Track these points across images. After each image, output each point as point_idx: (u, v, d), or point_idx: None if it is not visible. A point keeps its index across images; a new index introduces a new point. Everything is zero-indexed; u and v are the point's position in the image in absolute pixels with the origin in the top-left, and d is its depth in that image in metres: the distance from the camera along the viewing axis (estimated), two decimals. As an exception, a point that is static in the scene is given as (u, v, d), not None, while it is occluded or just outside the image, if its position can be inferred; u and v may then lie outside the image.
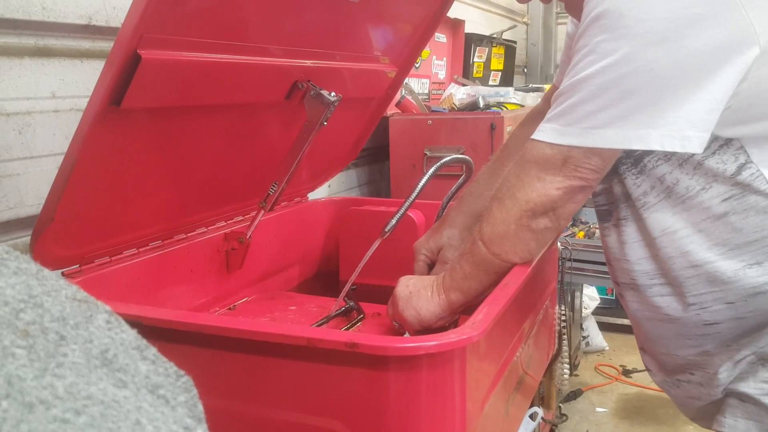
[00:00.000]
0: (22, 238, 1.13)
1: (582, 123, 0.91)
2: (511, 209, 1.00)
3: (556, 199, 0.97)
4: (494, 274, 1.05)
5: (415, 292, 1.13)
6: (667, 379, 1.13)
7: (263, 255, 1.55)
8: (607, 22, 0.88)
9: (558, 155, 0.94)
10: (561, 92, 0.94)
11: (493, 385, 0.99)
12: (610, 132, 0.90)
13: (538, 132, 0.97)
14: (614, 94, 0.88)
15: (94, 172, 0.96)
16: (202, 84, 1.04)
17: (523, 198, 0.98)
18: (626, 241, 1.03)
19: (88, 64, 1.20)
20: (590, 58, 0.89)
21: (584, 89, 0.90)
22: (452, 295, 1.08)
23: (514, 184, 1.00)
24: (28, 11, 1.08)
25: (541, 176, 0.96)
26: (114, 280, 1.14)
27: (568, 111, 0.93)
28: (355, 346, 0.78)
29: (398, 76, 1.69)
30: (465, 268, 1.07)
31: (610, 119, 0.89)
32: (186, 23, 0.95)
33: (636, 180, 0.99)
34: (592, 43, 0.90)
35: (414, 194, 1.34)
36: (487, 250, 1.03)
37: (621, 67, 0.87)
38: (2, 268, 0.44)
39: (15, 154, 1.09)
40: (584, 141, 0.92)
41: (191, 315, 0.94)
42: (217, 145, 1.25)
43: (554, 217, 0.99)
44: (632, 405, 2.76)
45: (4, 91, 1.06)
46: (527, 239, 1.01)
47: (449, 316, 1.10)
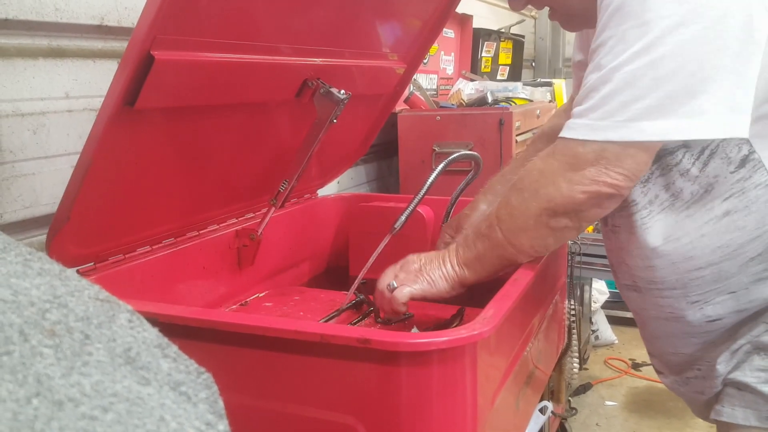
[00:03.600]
0: (38, 237, 1.14)
1: (617, 115, 0.86)
2: (530, 204, 0.97)
3: (579, 203, 0.93)
4: (507, 260, 1.04)
5: (427, 263, 1.10)
6: (677, 379, 1.13)
7: (274, 251, 1.57)
8: (631, 9, 0.85)
9: (590, 153, 0.89)
10: (590, 87, 0.89)
11: (504, 380, 1.00)
12: (646, 124, 0.85)
13: (568, 129, 0.92)
14: (648, 81, 0.84)
15: (108, 172, 0.97)
16: (214, 83, 1.06)
17: (545, 196, 0.95)
18: (624, 248, 1.02)
19: (100, 64, 1.22)
20: (618, 47, 0.86)
21: (615, 79, 0.86)
22: (467, 272, 1.07)
23: (538, 180, 0.96)
24: (41, 12, 1.09)
25: (568, 176, 0.92)
26: (128, 278, 1.15)
27: (601, 104, 0.87)
28: (367, 342, 0.79)
29: (407, 73, 1.69)
30: (480, 249, 1.05)
31: (647, 110, 0.85)
32: (198, 24, 0.96)
33: (643, 188, 0.97)
34: (618, 32, 0.86)
35: (423, 191, 1.35)
36: (504, 238, 1.01)
37: (651, 52, 0.83)
38: (27, 269, 0.45)
39: (30, 153, 1.10)
40: (622, 135, 0.86)
41: (206, 312, 0.96)
42: (228, 144, 1.26)
43: (576, 218, 0.96)
44: (642, 398, 2.77)
45: (18, 92, 1.07)
46: (545, 235, 0.99)
47: (459, 288, 1.09)
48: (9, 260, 0.46)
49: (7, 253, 0.47)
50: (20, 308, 0.39)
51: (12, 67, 1.06)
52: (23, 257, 0.47)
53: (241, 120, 1.24)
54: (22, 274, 0.44)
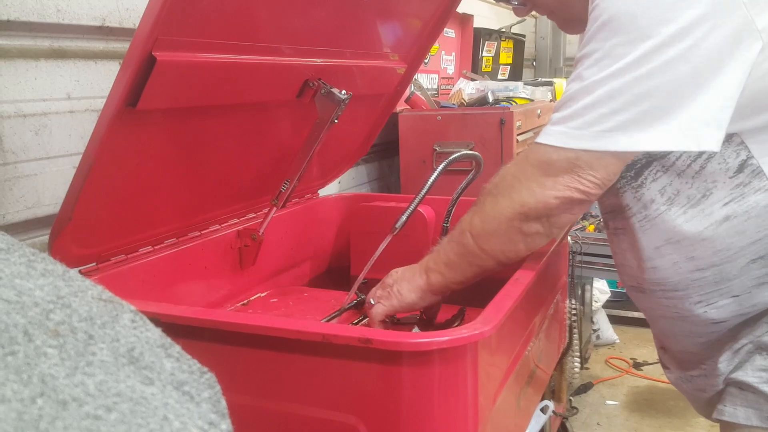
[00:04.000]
0: (40, 237, 1.15)
1: (594, 126, 0.89)
2: (504, 208, 0.99)
3: (552, 207, 0.95)
4: (477, 267, 1.05)
5: (401, 277, 1.14)
6: (682, 375, 1.14)
7: (275, 251, 1.57)
8: (620, 25, 0.87)
9: (564, 161, 0.92)
10: (570, 96, 0.91)
11: (505, 379, 1.00)
12: (623, 136, 0.88)
13: (543, 135, 0.94)
14: (629, 97, 0.86)
15: (110, 173, 0.97)
16: (216, 84, 1.06)
17: (518, 200, 0.97)
18: (626, 249, 1.03)
19: (102, 65, 1.22)
20: (604, 62, 0.87)
21: (597, 92, 0.88)
22: (432, 277, 1.09)
23: (511, 184, 0.98)
24: (43, 14, 1.10)
25: (541, 181, 0.94)
26: (130, 278, 1.16)
27: (579, 114, 0.89)
28: (369, 342, 0.79)
29: (408, 73, 1.69)
30: (449, 255, 1.07)
31: (623, 123, 0.87)
32: (199, 25, 0.96)
33: (636, 193, 0.98)
34: (605, 47, 0.88)
35: (424, 191, 1.35)
36: (474, 243, 1.03)
37: (635, 69, 0.86)
38: (30, 270, 0.46)
39: (32, 154, 1.10)
40: (596, 145, 0.89)
41: (207, 312, 0.96)
42: (230, 144, 1.26)
43: (547, 224, 0.98)
44: (643, 398, 2.76)
45: (21, 93, 1.08)
46: (516, 240, 1.01)
47: (430, 297, 1.11)
48: (13, 261, 0.47)
49: (10, 254, 0.47)
50: (24, 309, 0.39)
51: (14, 69, 1.07)
52: (27, 258, 0.48)
53: (242, 120, 1.24)
54: (26, 274, 0.44)
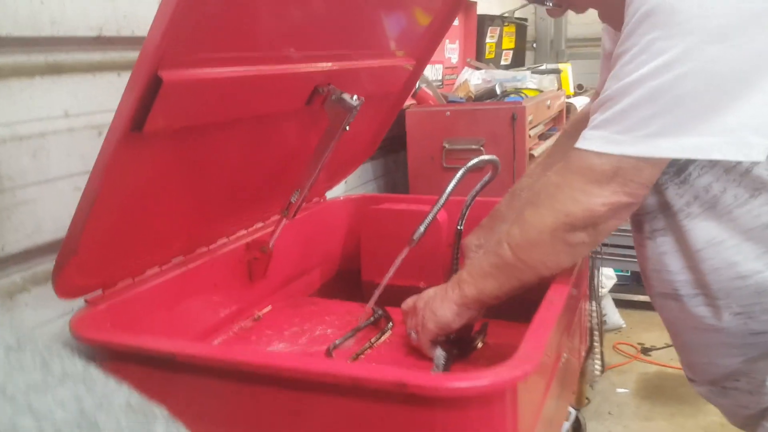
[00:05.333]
0: (42, 266, 1.09)
1: (635, 131, 0.85)
2: (546, 218, 0.94)
3: (599, 215, 0.91)
4: (515, 280, 1.01)
5: (434, 296, 1.10)
6: (713, 389, 1.09)
7: (284, 260, 1.51)
8: (659, 19, 0.82)
9: (607, 166, 0.88)
10: (609, 96, 0.88)
11: (542, 405, 0.96)
12: (665, 141, 0.83)
13: (584, 140, 0.91)
14: (669, 98, 0.82)
15: (115, 200, 0.91)
16: (224, 100, 0.99)
17: (562, 209, 0.93)
18: (666, 252, 0.98)
19: (100, 78, 1.15)
20: (641, 58, 0.83)
21: (636, 93, 0.84)
22: (466, 289, 1.05)
23: (554, 194, 0.94)
24: (37, 27, 1.02)
25: (586, 189, 0.90)
26: (138, 302, 1.10)
27: (620, 118, 0.86)
28: (404, 387, 0.74)
29: (416, 69, 1.62)
30: (485, 267, 1.03)
31: (665, 126, 0.83)
32: (204, 39, 0.89)
33: (678, 190, 0.93)
34: (642, 42, 0.83)
35: (442, 200, 1.30)
36: (513, 255, 0.98)
37: (675, 67, 0.81)
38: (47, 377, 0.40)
39: (30, 179, 1.04)
40: (639, 150, 0.85)
41: (228, 351, 0.91)
42: (237, 156, 1.20)
43: (593, 232, 0.94)
44: (653, 384, 2.74)
45: (16, 114, 1.01)
46: (559, 251, 0.96)
47: (465, 312, 1.06)
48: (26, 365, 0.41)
49: (22, 353, 0.42)
50: (45, 438, 0.34)
51: (8, 88, 0.99)
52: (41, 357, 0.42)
53: (249, 132, 1.18)
54: (43, 385, 0.39)
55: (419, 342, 1.13)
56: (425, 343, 1.12)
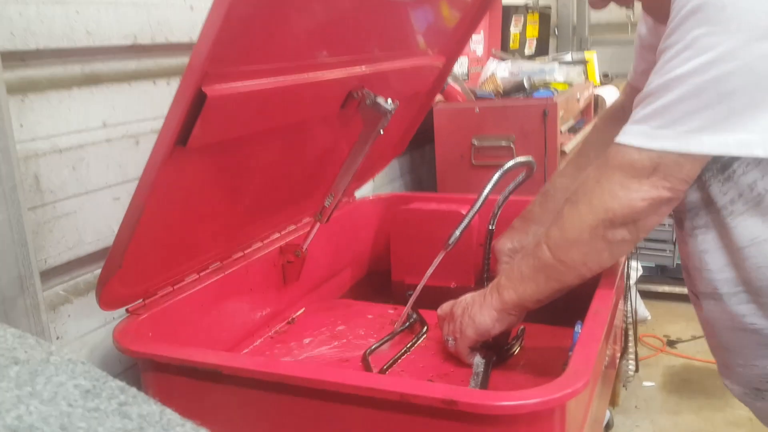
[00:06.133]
0: (83, 276, 1.09)
1: (677, 126, 0.84)
2: (586, 216, 0.93)
3: (639, 211, 0.90)
4: (555, 282, 0.99)
5: (472, 302, 1.09)
6: (748, 391, 1.08)
7: (316, 262, 1.51)
8: (706, 15, 0.80)
9: (647, 161, 0.87)
10: (651, 91, 0.86)
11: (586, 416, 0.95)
12: (708, 137, 0.83)
13: (624, 135, 0.90)
14: (713, 94, 0.81)
15: (160, 213, 0.92)
16: (262, 110, 0.99)
17: (601, 206, 0.91)
18: (707, 250, 0.96)
19: (136, 86, 1.15)
20: (686, 54, 0.82)
21: (679, 88, 0.82)
22: (506, 294, 1.03)
23: (593, 189, 0.93)
24: (72, 38, 1.02)
25: (625, 184, 0.89)
26: (178, 310, 1.11)
27: (661, 112, 0.85)
28: (453, 404, 0.74)
29: (445, 66, 1.61)
30: (524, 270, 1.01)
31: (708, 122, 0.82)
32: (244, 53, 0.89)
33: (722, 187, 0.92)
34: (688, 37, 0.82)
35: (478, 204, 1.28)
36: (552, 256, 0.97)
37: (721, 64, 0.80)
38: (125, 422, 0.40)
39: (70, 191, 1.04)
40: (680, 146, 0.84)
41: (273, 364, 0.91)
42: (271, 162, 1.20)
43: (634, 229, 0.92)
44: (680, 377, 2.72)
45: (55, 127, 1.01)
46: (600, 249, 0.95)
47: (505, 317, 1.05)
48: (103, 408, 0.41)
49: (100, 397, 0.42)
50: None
51: (46, 101, 0.99)
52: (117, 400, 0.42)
53: (284, 138, 1.18)
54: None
55: (457, 349, 1.12)
56: (463, 350, 1.11)
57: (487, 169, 1.31)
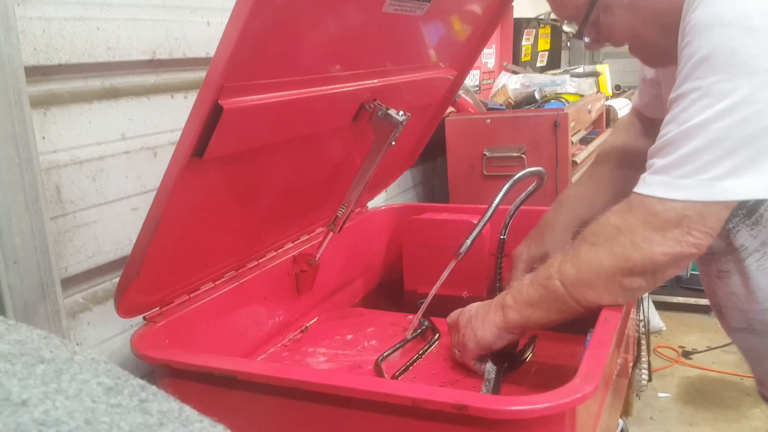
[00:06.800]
0: (101, 285, 1.12)
1: (700, 174, 0.83)
2: (604, 261, 0.92)
3: (660, 264, 0.89)
4: (565, 313, 0.99)
5: (475, 315, 1.09)
6: None
7: (329, 271, 1.53)
8: (718, 63, 0.81)
9: (671, 213, 0.86)
10: (669, 141, 0.86)
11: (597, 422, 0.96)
12: (732, 183, 0.81)
13: (645, 185, 0.89)
14: (736, 140, 0.80)
15: (177, 223, 0.94)
16: (277, 122, 1.01)
17: (622, 254, 0.90)
18: (736, 292, 0.97)
19: (154, 100, 1.18)
20: (703, 102, 0.81)
21: (700, 137, 0.82)
22: (510, 315, 1.03)
23: (613, 237, 0.92)
24: (93, 53, 1.05)
25: (647, 236, 0.88)
26: (193, 317, 1.13)
27: (682, 162, 0.84)
28: (464, 409, 0.75)
29: (457, 79, 1.63)
30: (532, 296, 1.01)
31: (731, 168, 0.81)
32: (259, 67, 0.91)
33: (752, 231, 0.92)
34: (702, 85, 0.81)
35: (489, 213, 1.30)
36: (566, 291, 0.97)
37: (741, 109, 0.79)
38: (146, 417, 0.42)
39: (90, 201, 1.07)
40: (704, 194, 0.83)
41: (287, 369, 0.93)
42: (285, 173, 1.22)
43: (652, 279, 0.92)
44: (695, 388, 2.70)
45: (75, 139, 1.04)
46: (615, 293, 0.95)
47: (506, 335, 1.06)
48: (125, 405, 0.43)
49: (121, 394, 0.43)
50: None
51: (68, 114, 1.03)
52: (138, 397, 0.44)
53: (297, 150, 1.20)
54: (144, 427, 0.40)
55: (463, 360, 1.14)
56: (468, 362, 1.13)
57: (498, 179, 1.32)
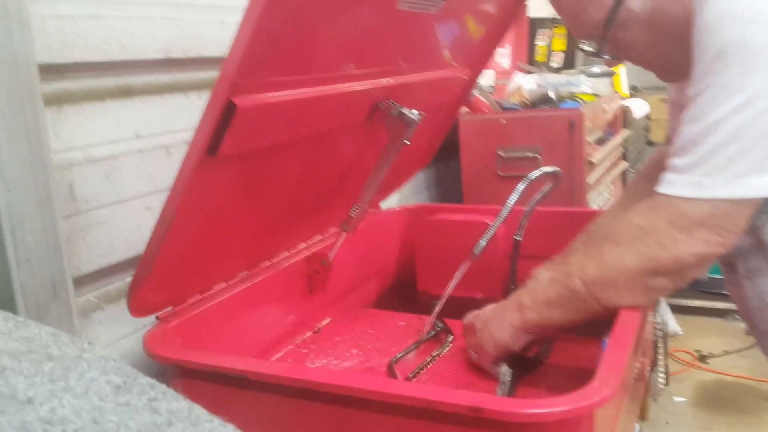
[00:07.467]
0: (114, 284, 1.12)
1: (724, 171, 0.81)
2: (629, 261, 0.91)
3: (686, 264, 0.87)
4: (585, 313, 0.97)
5: (492, 316, 1.08)
6: None
7: (342, 272, 1.52)
8: (734, 56, 0.79)
9: (698, 212, 0.84)
10: (689, 139, 0.84)
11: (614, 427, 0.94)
12: (758, 178, 0.80)
13: (669, 186, 0.87)
14: (755, 133, 0.79)
15: (189, 222, 0.93)
16: (290, 121, 1.00)
17: (647, 255, 0.89)
18: (766, 291, 0.95)
19: (168, 99, 1.17)
20: (721, 96, 0.80)
21: (720, 132, 0.81)
22: (528, 315, 1.02)
23: (639, 237, 0.90)
24: (107, 51, 1.05)
25: (674, 236, 0.86)
26: (206, 316, 1.12)
27: (706, 159, 0.82)
28: (479, 411, 0.73)
29: (471, 78, 1.62)
30: (551, 296, 1.00)
31: (756, 163, 0.80)
32: (273, 65, 0.90)
33: None
34: (719, 81, 0.80)
35: (504, 213, 1.28)
36: (586, 290, 0.95)
37: (758, 102, 0.78)
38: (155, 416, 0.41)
39: (103, 200, 1.07)
40: (731, 192, 0.82)
41: (300, 370, 0.92)
42: (298, 172, 1.21)
43: (676, 278, 0.90)
44: (711, 393, 2.66)
45: (89, 137, 1.04)
46: (637, 293, 0.93)
47: (523, 336, 1.04)
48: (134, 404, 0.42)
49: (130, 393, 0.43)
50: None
51: (81, 112, 1.02)
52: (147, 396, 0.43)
53: (310, 149, 1.19)
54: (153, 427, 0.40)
55: (480, 362, 1.12)
56: (486, 364, 1.11)
57: (513, 180, 1.30)
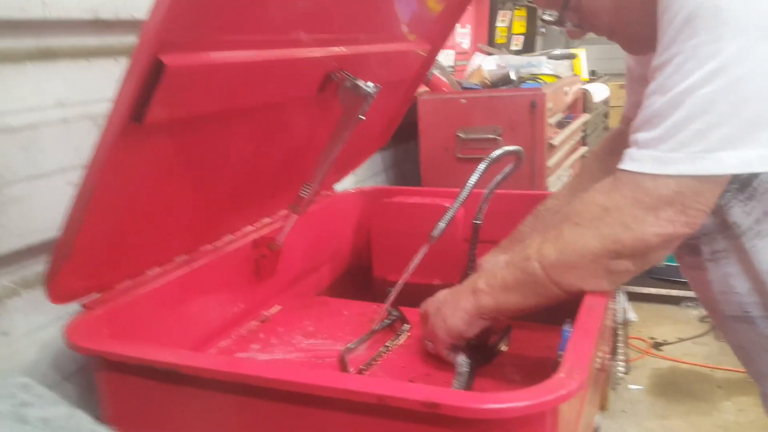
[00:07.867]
0: (34, 268, 1.01)
1: (691, 146, 0.76)
2: (590, 243, 0.85)
3: (651, 246, 0.82)
4: (543, 298, 0.92)
5: (445, 301, 1.02)
6: None
7: (293, 257, 1.44)
8: (703, 22, 0.74)
9: (663, 189, 0.79)
10: (654, 112, 0.79)
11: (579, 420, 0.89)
12: (726, 154, 0.75)
13: (633, 162, 0.81)
14: (726, 105, 0.74)
15: (113, 197, 0.84)
16: (230, 87, 0.91)
17: (609, 235, 0.83)
18: (732, 273, 0.90)
19: (96, 64, 1.06)
20: (688, 65, 0.75)
21: (687, 104, 0.75)
22: (483, 300, 0.96)
23: (600, 217, 0.84)
24: (26, 9, 0.94)
25: (638, 216, 0.81)
26: (138, 304, 1.02)
27: (671, 133, 0.77)
28: (435, 407, 0.66)
29: (430, 54, 1.54)
30: (508, 281, 0.94)
31: (725, 138, 0.75)
32: (210, 20, 0.81)
33: (745, 207, 0.85)
34: (686, 48, 0.75)
35: (463, 195, 1.22)
36: (545, 274, 0.89)
37: (729, 70, 0.73)
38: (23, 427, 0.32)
39: (21, 174, 0.96)
40: (697, 168, 0.77)
41: (237, 363, 0.83)
42: (243, 148, 1.12)
43: (640, 262, 0.85)
44: (666, 380, 2.67)
45: (6, 104, 0.92)
46: (600, 277, 0.88)
47: (478, 322, 0.99)
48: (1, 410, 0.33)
49: (-3, 398, 0.34)
50: None
51: (-4, 76, 0.91)
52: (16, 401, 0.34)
53: (256, 122, 1.10)
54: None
55: (436, 351, 1.07)
56: (442, 352, 1.05)
57: (472, 162, 1.24)
